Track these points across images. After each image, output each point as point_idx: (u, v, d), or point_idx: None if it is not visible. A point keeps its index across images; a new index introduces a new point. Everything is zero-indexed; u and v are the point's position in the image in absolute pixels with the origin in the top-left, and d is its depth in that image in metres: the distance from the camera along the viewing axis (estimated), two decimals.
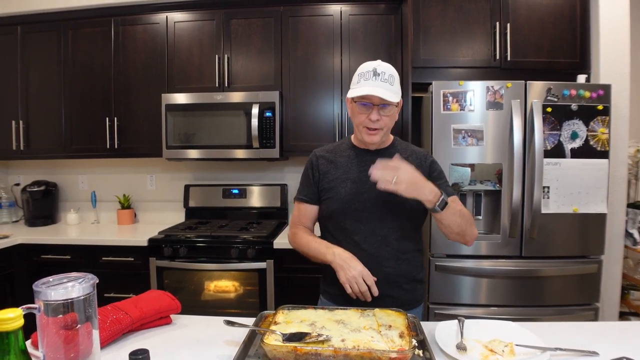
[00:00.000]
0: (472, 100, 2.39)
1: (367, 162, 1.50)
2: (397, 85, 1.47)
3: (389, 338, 1.12)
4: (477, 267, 2.43)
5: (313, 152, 1.66)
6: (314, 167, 1.61)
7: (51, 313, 0.92)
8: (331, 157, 1.62)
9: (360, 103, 1.46)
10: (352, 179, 1.55)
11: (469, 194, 2.53)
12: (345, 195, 1.52)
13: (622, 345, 1.19)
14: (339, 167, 1.58)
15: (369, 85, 1.43)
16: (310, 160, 1.64)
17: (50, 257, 2.89)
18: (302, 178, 1.65)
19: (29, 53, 3.26)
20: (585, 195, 2.39)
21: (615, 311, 2.67)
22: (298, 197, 1.64)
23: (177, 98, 3.01)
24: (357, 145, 1.62)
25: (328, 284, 1.62)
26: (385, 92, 1.41)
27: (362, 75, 1.46)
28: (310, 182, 1.61)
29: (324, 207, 1.57)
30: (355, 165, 1.57)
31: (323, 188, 1.58)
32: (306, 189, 1.62)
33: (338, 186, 1.54)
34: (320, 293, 1.69)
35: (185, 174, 3.56)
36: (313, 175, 1.61)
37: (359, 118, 1.50)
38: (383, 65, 1.47)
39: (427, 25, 2.74)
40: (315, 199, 1.60)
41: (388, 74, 1.45)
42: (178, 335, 1.32)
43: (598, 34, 2.63)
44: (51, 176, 3.64)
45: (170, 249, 2.73)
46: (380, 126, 1.48)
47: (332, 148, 1.66)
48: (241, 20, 3.05)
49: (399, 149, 1.60)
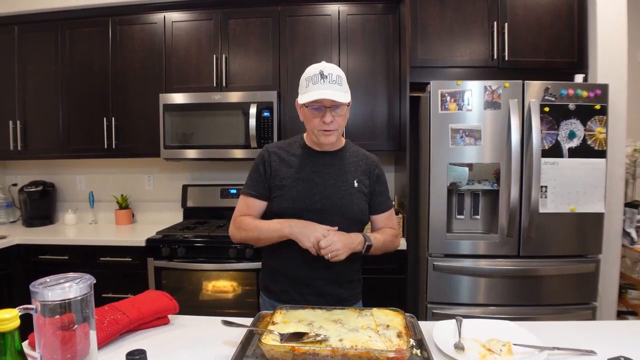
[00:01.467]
0: (469, 99, 2.39)
1: (320, 163, 1.57)
2: (345, 85, 1.48)
3: (387, 338, 1.12)
4: (475, 266, 2.44)
5: (265, 147, 1.64)
6: (266, 162, 1.59)
7: (48, 313, 0.92)
8: (284, 154, 1.61)
9: (312, 107, 1.47)
10: (304, 179, 1.55)
11: (467, 194, 2.53)
12: (297, 194, 1.52)
13: (619, 345, 1.19)
14: (292, 165, 1.58)
15: (318, 88, 1.44)
16: (262, 155, 1.62)
17: (48, 258, 2.89)
18: (251, 172, 1.62)
19: (26, 53, 3.25)
20: (583, 194, 2.40)
21: (613, 310, 2.67)
22: (247, 192, 1.60)
23: (174, 98, 3.01)
24: (310, 146, 1.62)
25: (271, 279, 1.64)
26: (335, 93, 1.42)
27: (310, 79, 1.46)
28: (262, 178, 1.59)
29: (274, 204, 1.56)
30: (307, 165, 1.58)
31: (274, 185, 1.57)
32: (256, 184, 1.59)
33: (290, 185, 1.54)
34: (261, 290, 1.70)
35: (183, 174, 3.55)
36: (265, 171, 1.59)
37: (312, 122, 1.50)
38: (329, 66, 1.47)
39: (425, 24, 2.74)
40: (265, 195, 1.59)
41: (335, 75, 1.45)
42: (176, 335, 1.32)
43: (595, 34, 2.63)
44: (49, 176, 3.63)
45: (168, 249, 2.73)
46: (335, 127, 1.49)
47: (285, 146, 1.65)
48: (239, 20, 3.05)
49: (350, 152, 1.64)
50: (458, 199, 2.54)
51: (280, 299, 1.57)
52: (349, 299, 1.62)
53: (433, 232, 2.46)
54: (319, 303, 1.48)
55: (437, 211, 2.46)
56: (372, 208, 1.63)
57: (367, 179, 1.60)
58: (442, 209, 2.46)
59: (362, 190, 1.58)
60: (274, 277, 1.62)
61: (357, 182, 1.57)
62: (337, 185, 1.55)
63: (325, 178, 1.55)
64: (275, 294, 1.61)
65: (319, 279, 1.54)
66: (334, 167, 1.58)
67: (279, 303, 1.54)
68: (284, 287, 1.58)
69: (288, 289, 1.57)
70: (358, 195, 1.56)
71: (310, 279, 1.55)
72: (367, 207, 1.61)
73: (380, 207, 1.64)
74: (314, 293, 1.55)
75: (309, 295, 1.55)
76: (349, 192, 1.55)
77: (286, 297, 1.57)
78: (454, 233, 2.51)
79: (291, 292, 1.57)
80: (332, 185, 1.54)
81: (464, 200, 2.53)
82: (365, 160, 1.64)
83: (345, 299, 1.60)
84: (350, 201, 1.53)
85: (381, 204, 1.64)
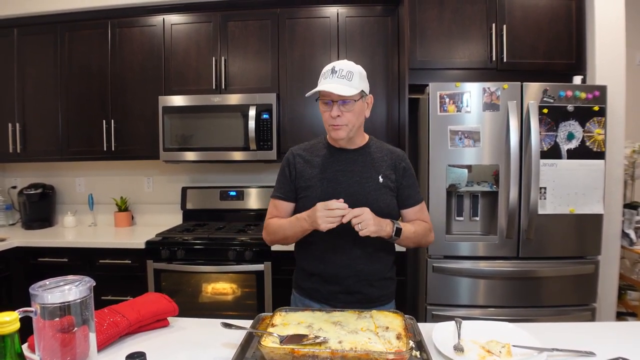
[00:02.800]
0: (468, 101, 2.40)
1: (343, 162, 1.58)
2: (356, 81, 1.47)
3: (386, 340, 1.12)
4: (474, 268, 2.44)
5: (290, 151, 1.68)
6: (291, 165, 1.63)
7: (48, 316, 0.92)
8: (307, 156, 1.63)
9: (322, 101, 1.50)
10: (328, 178, 1.57)
11: (466, 195, 2.53)
12: (322, 193, 1.53)
13: (619, 346, 1.20)
14: (316, 166, 1.60)
15: (325, 83, 1.47)
16: (287, 158, 1.66)
17: (47, 260, 2.88)
18: (279, 176, 1.66)
19: (25, 55, 3.26)
20: (582, 195, 2.40)
21: (612, 311, 2.67)
22: (275, 195, 1.64)
23: (174, 100, 3.01)
24: (332, 144, 1.64)
25: (302, 277, 1.65)
26: (338, 87, 1.43)
27: (323, 75, 1.51)
28: (287, 180, 1.62)
29: (301, 204, 1.58)
30: (331, 164, 1.59)
31: (299, 186, 1.59)
32: (283, 187, 1.63)
33: (315, 185, 1.56)
34: (293, 288, 1.71)
35: (183, 176, 3.55)
36: (290, 173, 1.62)
37: (324, 116, 1.53)
38: (343, 63, 1.50)
39: (423, 27, 2.74)
40: (292, 197, 1.62)
41: (346, 71, 1.47)
42: (175, 337, 1.32)
43: (594, 35, 2.64)
44: (48, 179, 3.63)
45: (168, 251, 2.73)
46: (343, 122, 1.50)
47: (309, 147, 1.67)
48: (238, 22, 3.06)
49: (374, 148, 1.64)
50: (457, 200, 2.54)
51: (312, 297, 1.60)
52: (381, 298, 1.60)
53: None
54: (349, 301, 1.50)
55: (436, 213, 2.46)
56: (400, 202, 1.61)
57: (393, 174, 1.60)
58: (442, 211, 2.46)
59: (388, 185, 1.57)
60: (305, 275, 1.63)
61: (383, 178, 1.57)
62: (362, 182, 1.55)
63: (349, 176, 1.56)
64: (307, 291, 1.62)
65: (348, 277, 1.54)
66: (357, 164, 1.59)
67: (309, 300, 1.59)
68: (314, 285, 1.59)
69: (318, 287, 1.58)
70: (384, 190, 1.56)
71: (340, 277, 1.54)
72: (395, 202, 1.60)
73: (408, 200, 1.62)
74: (343, 291, 1.55)
75: (339, 293, 1.55)
76: (374, 188, 1.55)
77: (317, 295, 1.58)
78: (454, 235, 2.51)
79: (321, 291, 1.57)
80: (357, 182, 1.55)
81: (463, 202, 2.54)
82: (390, 154, 1.63)
83: (377, 299, 1.58)
84: (376, 197, 1.53)
85: (409, 197, 1.62)
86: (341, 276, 1.54)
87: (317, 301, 1.58)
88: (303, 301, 1.62)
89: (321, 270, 1.56)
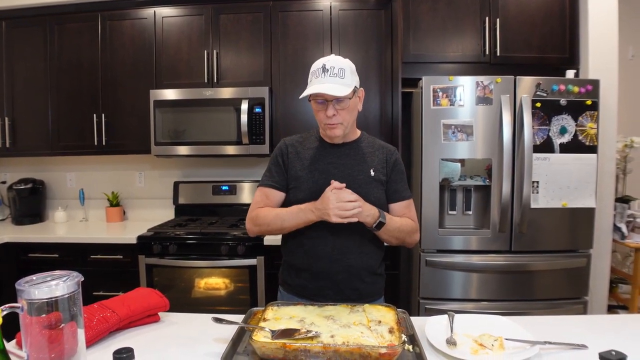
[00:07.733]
0: (461, 95, 2.39)
1: (335, 155, 1.58)
2: (348, 77, 1.46)
3: (379, 333, 1.12)
4: (467, 262, 2.44)
5: (282, 141, 1.66)
6: (284, 154, 1.62)
7: (35, 312, 0.90)
8: (300, 147, 1.63)
9: (316, 101, 1.48)
10: (320, 169, 1.56)
11: (459, 189, 2.53)
12: (313, 185, 1.53)
13: (610, 338, 1.20)
14: (307, 158, 1.59)
15: (318, 82, 1.44)
16: (279, 147, 1.64)
17: (38, 256, 2.85)
18: (269, 165, 1.64)
19: (14, 49, 3.21)
20: (574, 189, 2.41)
21: (604, 304, 2.70)
22: (266, 183, 1.61)
23: (165, 94, 2.98)
24: (324, 138, 1.63)
25: (290, 274, 1.63)
26: (333, 87, 1.41)
27: (313, 73, 1.48)
28: (281, 169, 1.60)
29: (291, 195, 1.57)
30: (323, 157, 1.59)
31: (291, 176, 1.59)
32: (275, 176, 1.61)
33: (305, 176, 1.56)
34: (279, 284, 1.70)
35: (175, 171, 3.52)
36: (283, 162, 1.61)
37: (318, 116, 1.52)
38: (332, 59, 1.47)
39: (417, 20, 2.73)
40: (284, 186, 1.60)
41: (338, 68, 1.45)
42: (166, 333, 1.31)
43: (587, 30, 2.64)
44: (38, 173, 3.59)
45: (160, 246, 2.71)
46: (338, 121, 1.49)
47: (301, 139, 1.66)
48: (230, 15, 3.03)
49: (366, 143, 1.64)
50: (450, 194, 2.54)
51: (299, 294, 1.58)
52: (370, 294, 1.59)
53: (425, 228, 2.46)
54: (337, 298, 1.47)
55: (429, 207, 2.46)
56: (388, 196, 1.60)
57: (384, 168, 1.59)
58: (434, 205, 2.46)
59: (379, 178, 1.57)
60: (293, 272, 1.61)
61: (374, 171, 1.57)
62: (353, 175, 1.54)
63: (341, 168, 1.56)
64: (293, 287, 1.61)
65: (338, 273, 1.52)
66: (349, 157, 1.58)
67: (296, 297, 1.57)
68: (302, 281, 1.58)
69: (306, 283, 1.56)
70: (375, 184, 1.56)
71: (330, 273, 1.53)
72: (385, 197, 1.59)
73: (396, 195, 1.61)
74: (332, 287, 1.53)
75: (327, 289, 1.54)
76: (366, 181, 1.54)
77: (304, 291, 1.57)
78: (446, 228, 2.51)
79: (308, 287, 1.56)
80: (348, 175, 1.54)
81: (456, 196, 2.54)
82: (381, 149, 1.63)
83: (367, 295, 1.57)
84: (367, 190, 1.51)
85: (397, 192, 1.61)
86: (331, 271, 1.52)
87: (305, 298, 1.55)
88: (290, 298, 1.60)
89: (310, 265, 1.55)
